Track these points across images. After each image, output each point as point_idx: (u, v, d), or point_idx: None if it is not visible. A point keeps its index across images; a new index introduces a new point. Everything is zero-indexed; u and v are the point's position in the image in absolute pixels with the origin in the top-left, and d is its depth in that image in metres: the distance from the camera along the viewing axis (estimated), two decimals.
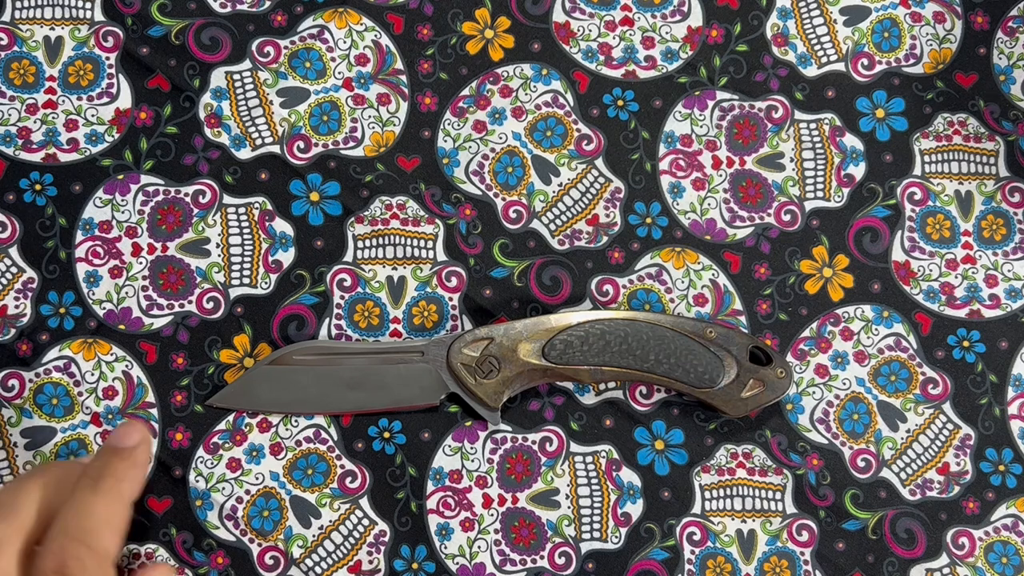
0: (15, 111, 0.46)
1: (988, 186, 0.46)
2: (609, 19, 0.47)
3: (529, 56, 0.47)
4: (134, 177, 0.45)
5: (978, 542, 0.44)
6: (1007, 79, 0.47)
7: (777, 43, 0.47)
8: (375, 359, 0.43)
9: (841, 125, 0.47)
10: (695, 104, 0.47)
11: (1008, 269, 0.46)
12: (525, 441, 0.44)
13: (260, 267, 0.45)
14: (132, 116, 0.46)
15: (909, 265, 0.46)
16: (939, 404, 0.45)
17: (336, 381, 0.43)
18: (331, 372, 0.43)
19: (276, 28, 0.47)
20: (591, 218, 0.46)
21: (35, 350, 0.44)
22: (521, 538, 0.44)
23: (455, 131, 0.46)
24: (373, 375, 0.43)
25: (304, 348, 0.43)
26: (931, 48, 0.47)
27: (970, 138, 0.47)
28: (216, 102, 0.46)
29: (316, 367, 0.43)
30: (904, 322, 0.45)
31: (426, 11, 0.47)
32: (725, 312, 0.45)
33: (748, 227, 0.46)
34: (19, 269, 0.45)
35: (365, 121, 0.46)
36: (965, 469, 0.44)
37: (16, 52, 0.46)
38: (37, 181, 0.45)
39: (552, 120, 0.46)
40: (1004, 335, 0.45)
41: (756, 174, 0.46)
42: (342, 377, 0.43)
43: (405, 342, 0.44)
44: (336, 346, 0.44)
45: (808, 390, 0.45)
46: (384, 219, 0.45)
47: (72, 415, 0.44)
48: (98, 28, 0.46)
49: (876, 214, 0.46)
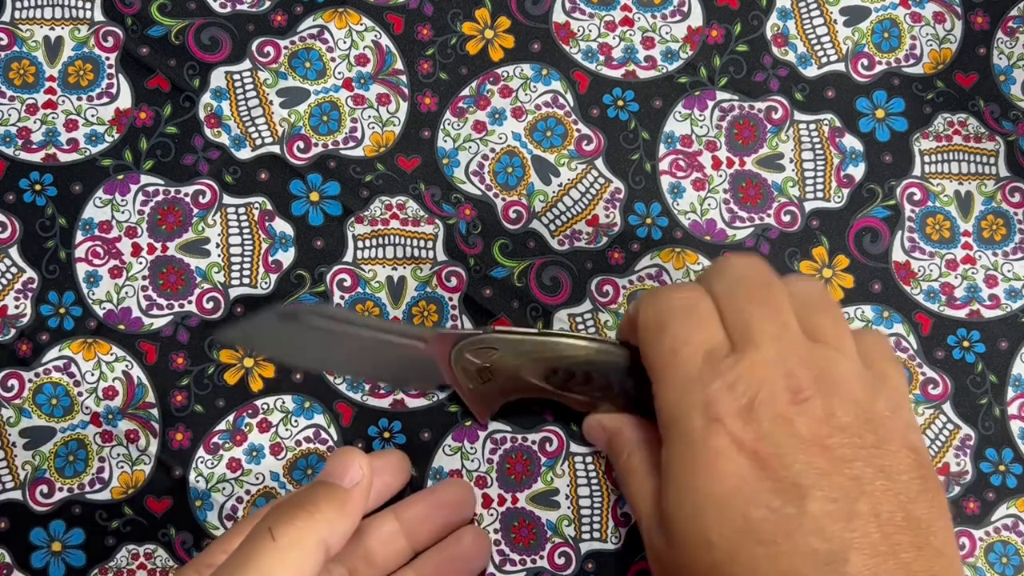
0: (15, 111, 0.46)
1: (988, 186, 0.46)
2: (609, 19, 0.47)
3: (529, 56, 0.47)
4: (134, 177, 0.45)
5: (978, 542, 0.44)
6: (1007, 79, 0.47)
7: (777, 43, 0.47)
8: (382, 337, 0.42)
9: (841, 126, 0.47)
10: (695, 104, 0.47)
11: (1008, 269, 0.46)
12: (525, 441, 0.44)
13: (260, 267, 0.45)
14: (132, 116, 0.46)
15: (909, 265, 0.46)
16: (939, 404, 0.45)
17: (340, 347, 0.42)
18: (338, 338, 0.42)
19: (276, 28, 0.47)
20: (591, 218, 0.46)
21: (35, 350, 0.44)
22: (521, 538, 0.43)
23: (455, 131, 0.46)
24: (377, 351, 0.42)
25: (318, 310, 0.43)
26: (931, 48, 0.47)
27: (970, 138, 0.47)
28: (216, 102, 0.46)
29: (325, 330, 0.42)
30: (904, 322, 0.45)
31: (426, 11, 0.47)
32: None
33: (748, 228, 0.46)
34: (19, 269, 0.45)
35: (365, 121, 0.46)
36: (965, 469, 0.44)
37: (16, 52, 0.46)
38: (37, 181, 0.45)
39: (552, 120, 0.46)
40: (1004, 335, 0.45)
41: (756, 175, 0.46)
42: (347, 346, 0.42)
43: (414, 328, 0.44)
44: (349, 316, 0.43)
45: None
46: (384, 219, 0.45)
47: (72, 415, 0.44)
48: (98, 28, 0.46)
49: (876, 214, 0.46)
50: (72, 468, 0.44)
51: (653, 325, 0.36)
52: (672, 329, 0.35)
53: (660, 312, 0.36)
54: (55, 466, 0.44)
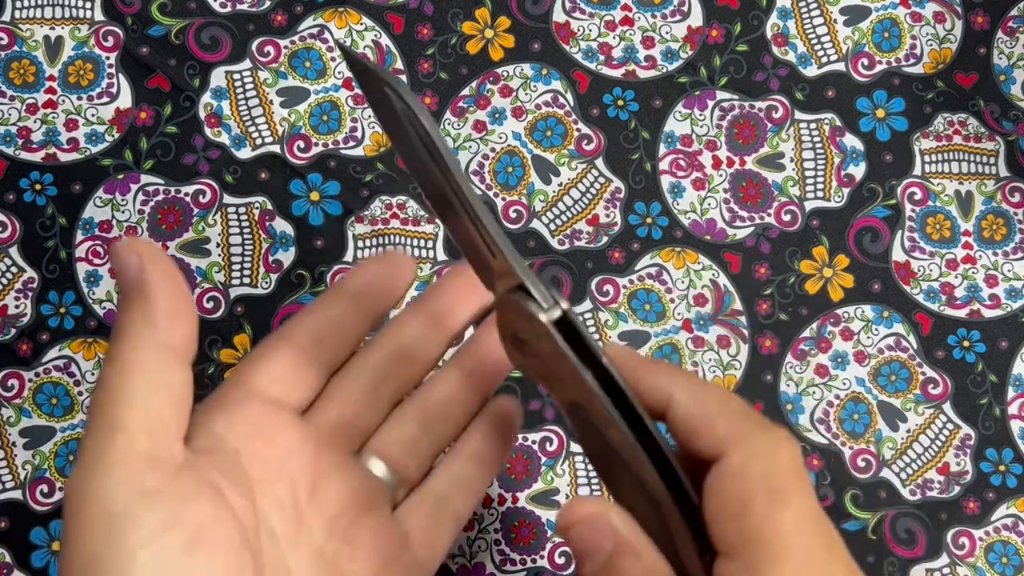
0: (15, 111, 0.46)
1: (988, 186, 0.46)
2: (609, 19, 0.47)
3: (529, 56, 0.47)
4: (134, 177, 0.45)
5: (978, 542, 0.44)
6: (1007, 79, 0.47)
7: (777, 43, 0.47)
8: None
9: (841, 125, 0.47)
10: (695, 104, 0.47)
11: (1008, 269, 0.46)
12: (525, 441, 0.44)
13: (260, 267, 0.45)
14: (132, 116, 0.46)
15: (909, 265, 0.46)
16: (939, 404, 0.45)
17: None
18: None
19: (276, 28, 0.47)
20: (591, 218, 0.46)
21: (35, 350, 0.44)
22: (521, 538, 0.44)
23: (455, 131, 0.46)
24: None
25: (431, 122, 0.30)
26: (931, 48, 0.47)
27: (970, 138, 0.47)
28: (216, 102, 0.46)
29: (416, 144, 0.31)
30: (904, 322, 0.45)
31: (426, 11, 0.47)
32: (725, 312, 0.45)
33: (748, 227, 0.46)
34: (19, 269, 0.45)
35: (365, 121, 0.46)
36: (965, 469, 0.44)
37: (16, 52, 0.46)
38: (37, 181, 0.45)
39: (552, 120, 0.46)
40: (1004, 335, 0.45)
41: (756, 174, 0.46)
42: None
43: (504, 239, 0.30)
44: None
45: (808, 390, 0.45)
46: (384, 219, 0.45)
47: (72, 415, 0.44)
48: (98, 28, 0.46)
49: (876, 214, 0.46)
50: (72, 468, 0.44)
51: (784, 481, 0.27)
52: (807, 493, 0.27)
53: (797, 460, 0.27)
54: (55, 466, 0.44)
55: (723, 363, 0.45)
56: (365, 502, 0.33)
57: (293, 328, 0.34)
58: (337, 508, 0.33)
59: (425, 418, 0.35)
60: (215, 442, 0.31)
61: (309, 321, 0.34)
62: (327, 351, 0.34)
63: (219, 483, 0.29)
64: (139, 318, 0.28)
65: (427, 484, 0.36)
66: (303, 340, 0.34)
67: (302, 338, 0.34)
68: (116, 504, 0.26)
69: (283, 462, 0.32)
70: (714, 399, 0.28)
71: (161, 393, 0.28)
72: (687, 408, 0.28)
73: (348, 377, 0.35)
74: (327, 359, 0.34)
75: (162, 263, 0.29)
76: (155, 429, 0.28)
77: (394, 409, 0.36)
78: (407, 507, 0.35)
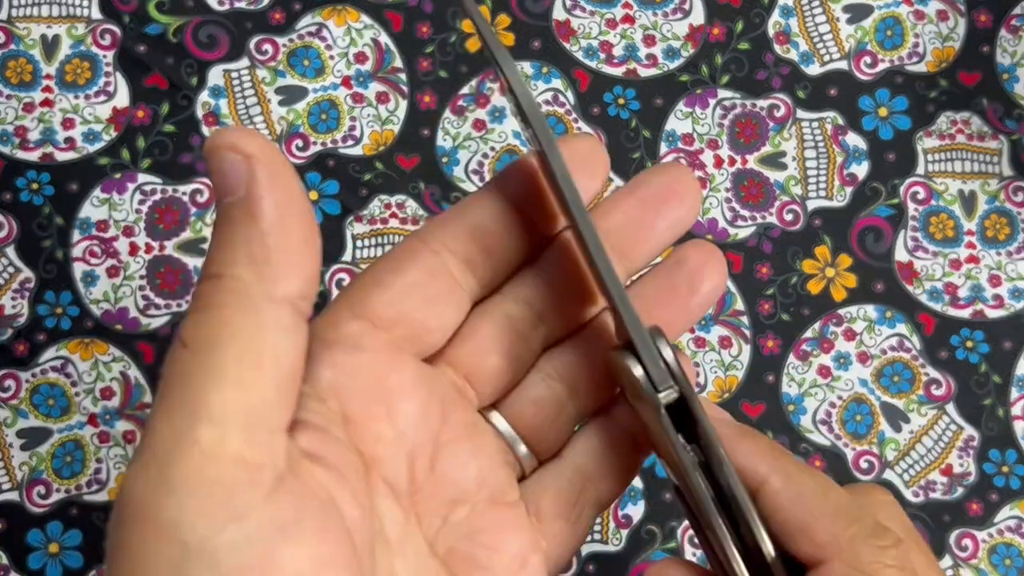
0: (12, 110, 0.45)
1: (991, 185, 0.46)
2: (610, 17, 0.47)
3: (529, 54, 0.47)
4: (131, 176, 0.45)
5: (981, 544, 0.44)
6: (1010, 77, 0.47)
7: (779, 41, 0.47)
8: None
9: (844, 124, 0.46)
10: (696, 103, 0.46)
11: (1012, 269, 0.45)
12: None
13: None
14: (129, 114, 0.46)
15: (912, 265, 0.45)
16: (942, 405, 0.44)
17: None
18: None
19: (274, 26, 0.46)
20: None
21: (32, 350, 0.44)
22: None
23: (455, 129, 0.46)
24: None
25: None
26: (934, 46, 0.47)
27: (973, 137, 0.46)
28: (214, 100, 0.46)
29: None
30: (907, 322, 0.45)
31: (425, 9, 0.47)
32: (727, 312, 0.45)
33: (750, 226, 0.46)
34: (16, 269, 0.44)
35: (364, 119, 0.46)
36: (968, 470, 0.44)
37: (13, 50, 0.46)
38: (34, 180, 0.45)
39: (552, 119, 0.46)
40: (1008, 336, 0.45)
41: (758, 173, 0.46)
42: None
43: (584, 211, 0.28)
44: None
45: (810, 391, 0.44)
46: (383, 218, 0.45)
47: (69, 416, 0.44)
48: (95, 26, 0.46)
49: (879, 213, 0.46)
50: (69, 469, 0.43)
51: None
52: None
53: (907, 527, 0.25)
54: (52, 467, 0.43)
55: (724, 364, 0.45)
56: (492, 485, 0.26)
57: (430, 235, 0.26)
58: (457, 491, 0.25)
59: (576, 376, 0.27)
60: (322, 415, 0.23)
61: (454, 227, 0.26)
62: (478, 270, 0.26)
63: (331, 489, 0.22)
64: (243, 256, 0.20)
65: (566, 458, 0.27)
66: (444, 256, 0.25)
67: (442, 253, 0.25)
68: (191, 534, 0.19)
69: (403, 434, 0.24)
70: (810, 492, 0.24)
71: (266, 367, 0.20)
72: (780, 499, 0.24)
73: (497, 310, 0.26)
74: (474, 281, 0.26)
75: (281, 171, 0.21)
76: (253, 420, 0.20)
77: (538, 360, 0.27)
78: (538, 486, 0.27)
